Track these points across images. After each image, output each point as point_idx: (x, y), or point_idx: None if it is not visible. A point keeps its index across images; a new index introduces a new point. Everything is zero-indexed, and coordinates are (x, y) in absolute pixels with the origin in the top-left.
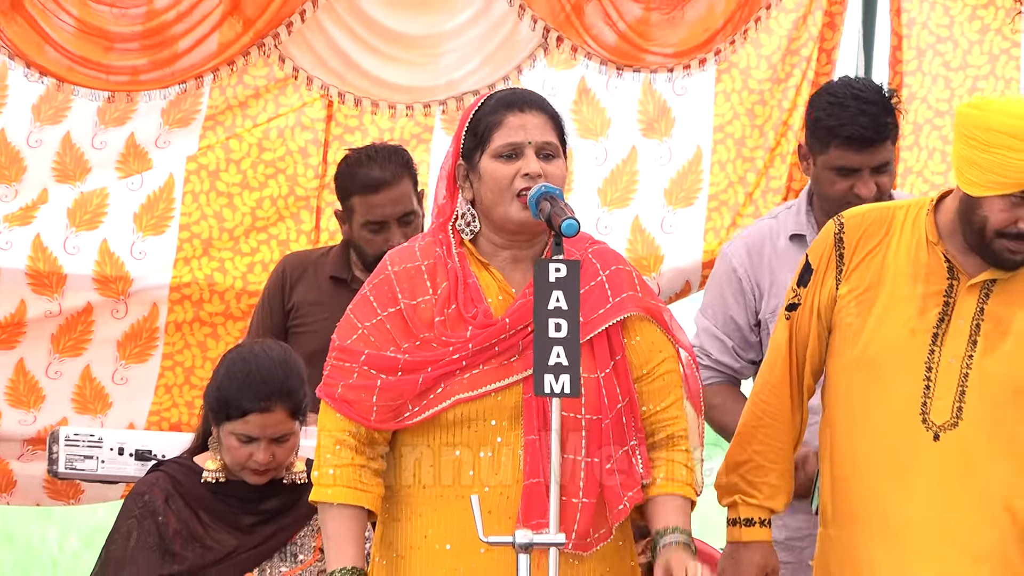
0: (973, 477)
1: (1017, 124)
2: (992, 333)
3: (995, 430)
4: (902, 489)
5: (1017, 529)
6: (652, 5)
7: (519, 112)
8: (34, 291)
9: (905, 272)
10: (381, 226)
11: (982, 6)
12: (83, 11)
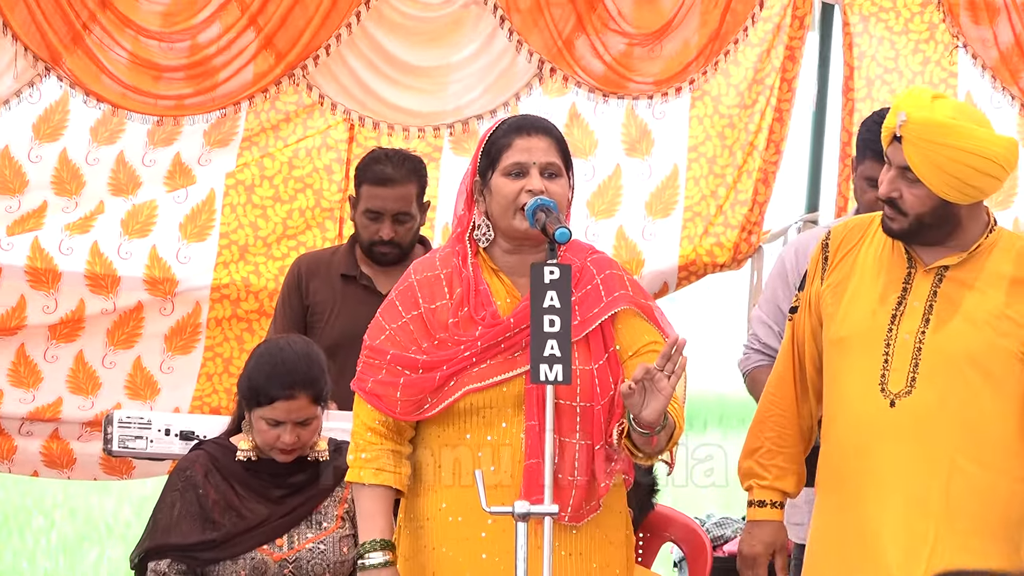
0: (925, 439)
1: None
2: (943, 312)
3: (945, 396)
4: (864, 453)
5: (963, 486)
6: (634, 40)
7: (527, 136)
8: (91, 291)
9: (872, 265)
10: (377, 216)
11: (924, 41)
12: (135, 46)
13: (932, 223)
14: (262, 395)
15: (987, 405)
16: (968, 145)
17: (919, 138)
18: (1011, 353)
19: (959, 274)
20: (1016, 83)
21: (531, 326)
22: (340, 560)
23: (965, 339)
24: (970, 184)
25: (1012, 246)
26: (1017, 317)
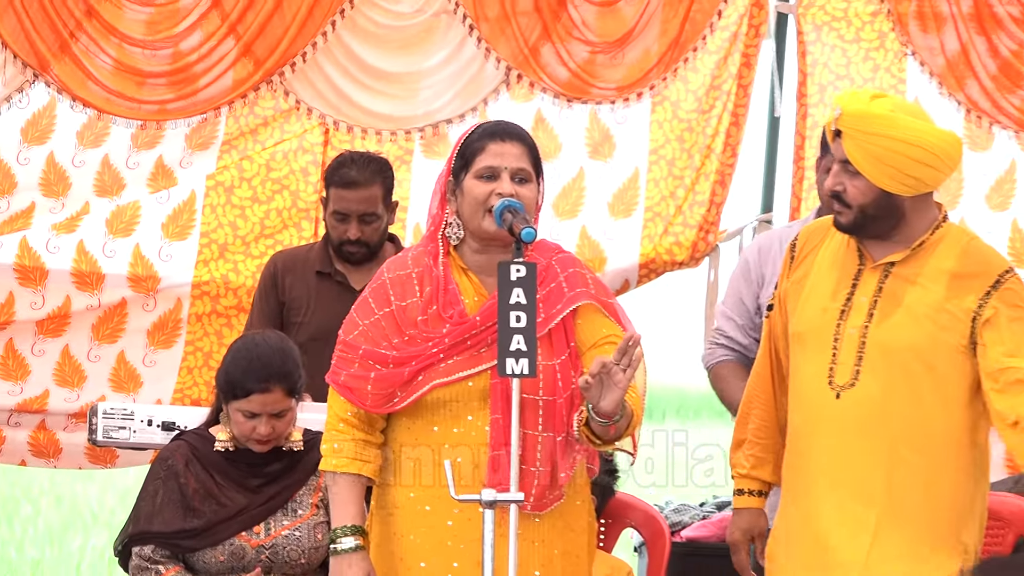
0: (868, 430)
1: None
2: (886, 307)
3: (887, 389)
4: (813, 443)
5: (905, 476)
6: (597, 48)
7: (501, 141)
8: (77, 288)
9: (828, 263)
10: (344, 217)
11: (874, 49)
12: (120, 53)
13: (876, 215)
14: (238, 388)
15: (929, 397)
16: (902, 135)
17: (854, 130)
18: (952, 346)
19: (904, 270)
20: (962, 89)
21: (498, 322)
22: (314, 546)
23: (906, 333)
24: (908, 174)
25: (958, 242)
26: (957, 311)
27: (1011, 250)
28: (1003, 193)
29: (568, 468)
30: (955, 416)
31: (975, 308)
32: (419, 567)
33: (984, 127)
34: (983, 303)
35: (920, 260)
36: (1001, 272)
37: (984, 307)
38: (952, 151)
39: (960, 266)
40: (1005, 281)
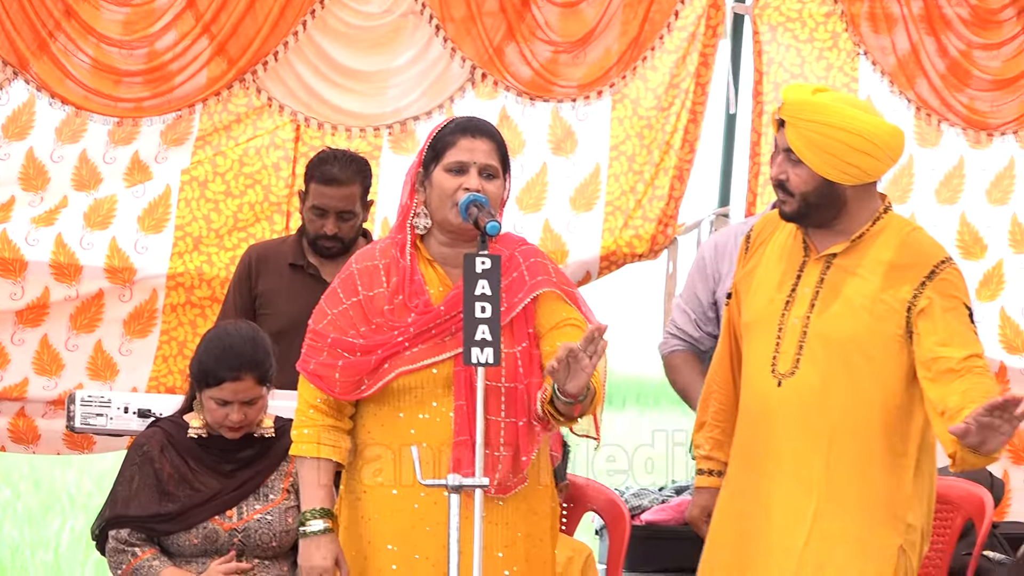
0: (807, 417)
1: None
2: (826, 297)
3: (826, 377)
4: (757, 430)
5: (844, 463)
6: (560, 48)
7: (471, 137)
8: (56, 279)
9: (776, 255)
10: (323, 213)
11: (827, 49)
12: (97, 52)
13: (818, 203)
14: (211, 376)
15: (867, 385)
16: (840, 123)
17: (795, 118)
18: (889, 336)
19: (844, 261)
20: (912, 88)
21: (464, 312)
22: (285, 530)
23: (844, 323)
24: (847, 162)
25: (898, 233)
26: (893, 301)
27: (959, 243)
28: (951, 188)
29: (530, 452)
30: (893, 403)
31: (910, 298)
32: (387, 549)
33: (933, 124)
34: (918, 293)
35: (860, 251)
36: (936, 263)
37: (919, 297)
38: (892, 142)
39: (898, 257)
40: (940, 271)
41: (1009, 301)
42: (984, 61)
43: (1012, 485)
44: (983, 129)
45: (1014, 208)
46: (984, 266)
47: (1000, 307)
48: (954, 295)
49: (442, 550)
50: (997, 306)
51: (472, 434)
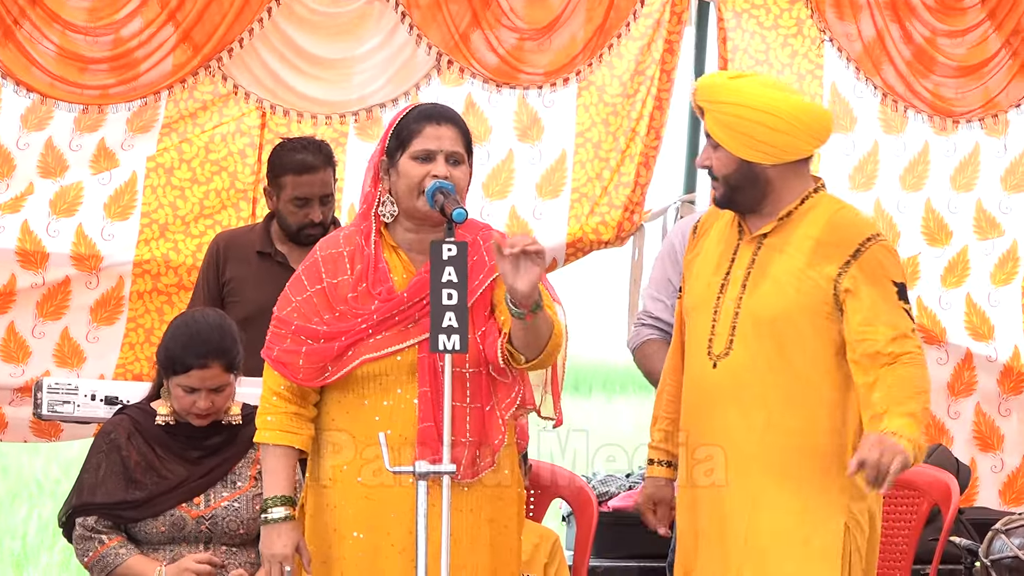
0: (741, 396)
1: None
2: (756, 277)
3: (757, 356)
4: (697, 411)
5: (779, 439)
6: (525, 35)
7: (436, 125)
8: (22, 267)
9: (714, 242)
10: (306, 202)
11: (792, 35)
12: (62, 39)
13: (740, 185)
14: (178, 364)
15: (798, 361)
16: (749, 102)
17: (706, 101)
18: (816, 312)
19: (773, 240)
20: (878, 74)
21: (430, 299)
22: (253, 517)
23: (772, 302)
24: (761, 141)
25: (827, 211)
26: (819, 278)
27: (924, 230)
28: (917, 174)
29: (499, 436)
30: (826, 378)
31: (835, 276)
32: (353, 537)
33: (899, 111)
34: (843, 271)
35: (788, 230)
36: (862, 240)
37: (843, 276)
38: (809, 119)
39: (824, 234)
40: (866, 249)
41: (975, 288)
42: (949, 48)
43: (979, 472)
44: (948, 116)
45: (979, 194)
46: (949, 253)
47: (966, 294)
48: (878, 272)
49: (409, 536)
50: (963, 293)
51: (436, 420)
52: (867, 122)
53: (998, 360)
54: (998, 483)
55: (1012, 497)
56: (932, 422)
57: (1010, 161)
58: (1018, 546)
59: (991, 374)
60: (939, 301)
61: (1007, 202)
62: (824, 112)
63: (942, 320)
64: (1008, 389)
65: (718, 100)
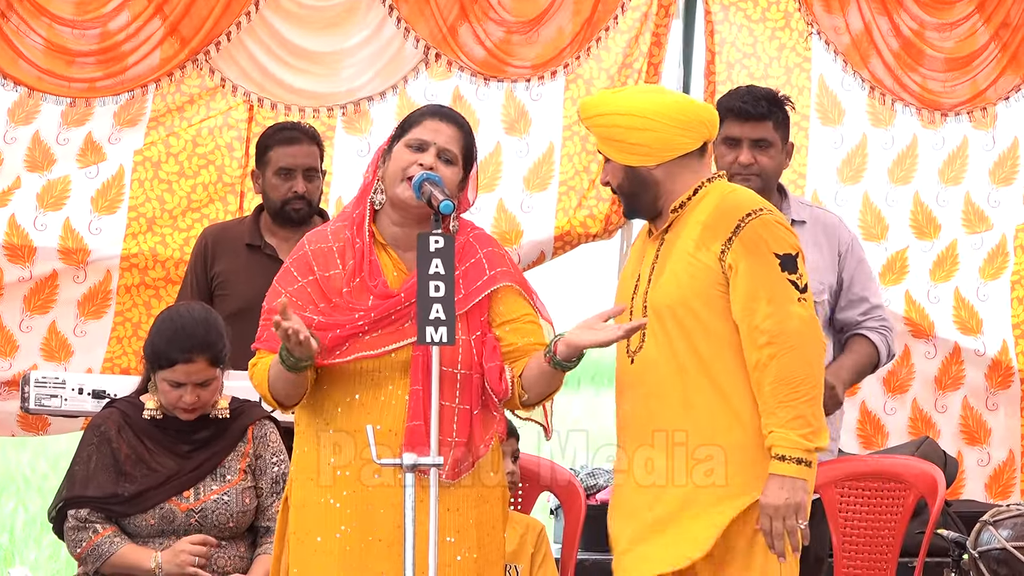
0: (659, 387)
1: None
2: (658, 271)
3: (664, 346)
4: (621, 409)
5: (702, 421)
6: (513, 28)
7: (438, 120)
8: (9, 261)
9: (637, 246)
10: (290, 173)
11: (780, 28)
12: (50, 32)
13: (633, 191)
14: (163, 359)
15: (704, 345)
16: (617, 108)
17: (586, 118)
18: (710, 294)
19: (671, 234)
20: (866, 66)
21: (417, 291)
22: (242, 510)
23: (670, 290)
24: (631, 143)
25: (717, 195)
26: (707, 259)
27: (913, 223)
28: (905, 167)
29: (486, 441)
30: (734, 358)
31: (719, 254)
32: (341, 529)
33: (887, 104)
34: (726, 248)
35: (683, 221)
36: (742, 216)
37: (727, 252)
38: (680, 115)
39: (711, 217)
40: (746, 224)
41: (963, 282)
42: (937, 41)
43: (966, 465)
44: (936, 109)
45: (967, 188)
46: (938, 246)
47: (955, 288)
48: (761, 246)
49: (395, 531)
50: (951, 287)
51: (426, 420)
52: (855, 115)
53: (986, 354)
54: (984, 477)
55: (998, 491)
56: (919, 416)
57: (998, 154)
58: (1006, 538)
59: (979, 368)
60: (927, 295)
61: (995, 195)
62: (702, 106)
63: (930, 314)
64: (996, 383)
65: (593, 114)
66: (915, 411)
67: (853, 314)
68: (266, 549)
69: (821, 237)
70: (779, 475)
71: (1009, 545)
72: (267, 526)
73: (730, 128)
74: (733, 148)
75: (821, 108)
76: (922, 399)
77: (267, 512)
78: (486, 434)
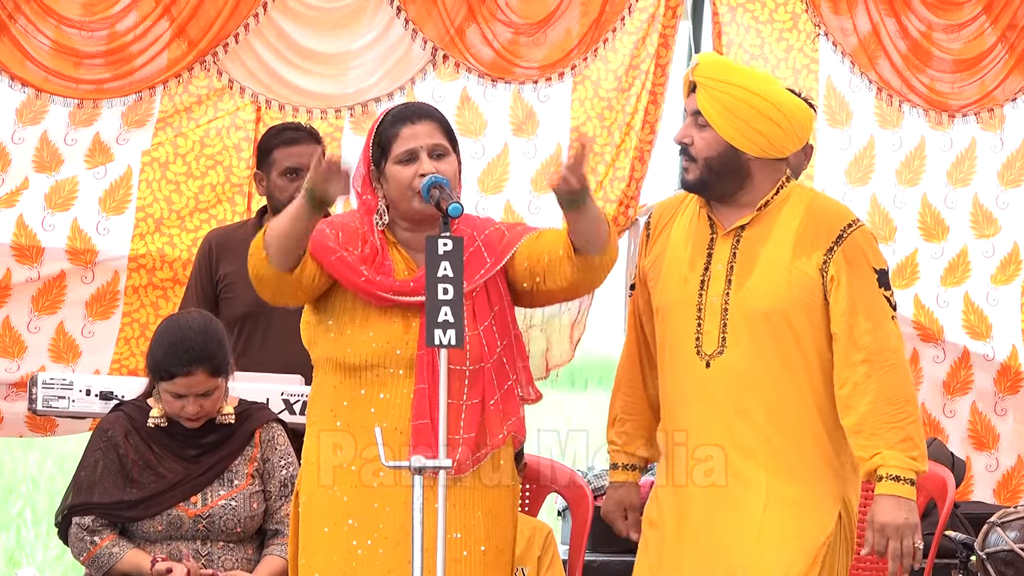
0: (741, 394)
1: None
2: (741, 272)
3: (753, 352)
4: (689, 413)
5: (782, 434)
6: (520, 30)
7: (411, 124)
8: (17, 261)
9: (682, 237)
10: (296, 173)
11: (787, 30)
12: (57, 34)
13: (720, 170)
14: (163, 371)
15: (794, 354)
16: (752, 85)
17: (708, 77)
18: (807, 303)
19: (753, 233)
20: (874, 68)
21: (426, 294)
22: (250, 515)
23: (763, 295)
24: (755, 128)
25: (803, 199)
26: (807, 268)
27: (921, 225)
28: (913, 169)
29: (498, 432)
30: (821, 370)
31: (821, 264)
32: (348, 524)
33: (895, 105)
34: (828, 258)
35: (768, 221)
36: (844, 226)
37: (829, 263)
38: (800, 116)
39: (805, 223)
40: (848, 235)
41: (973, 287)
42: (945, 42)
43: (974, 470)
44: (944, 110)
45: (975, 189)
46: (946, 248)
47: (964, 292)
48: (862, 259)
49: (401, 529)
50: (961, 291)
51: (432, 418)
52: (863, 117)
53: (995, 359)
54: (992, 482)
55: (1007, 496)
56: (927, 420)
57: (1007, 156)
58: (1014, 539)
59: (988, 373)
60: (936, 299)
61: (1004, 197)
62: (811, 113)
63: (939, 318)
64: (1005, 388)
65: (721, 79)
66: (923, 415)
67: None
68: (273, 550)
69: None
70: (894, 495)
71: (1017, 547)
72: (276, 528)
73: None
74: None
75: (829, 110)
76: (930, 403)
77: (276, 515)
78: (503, 423)
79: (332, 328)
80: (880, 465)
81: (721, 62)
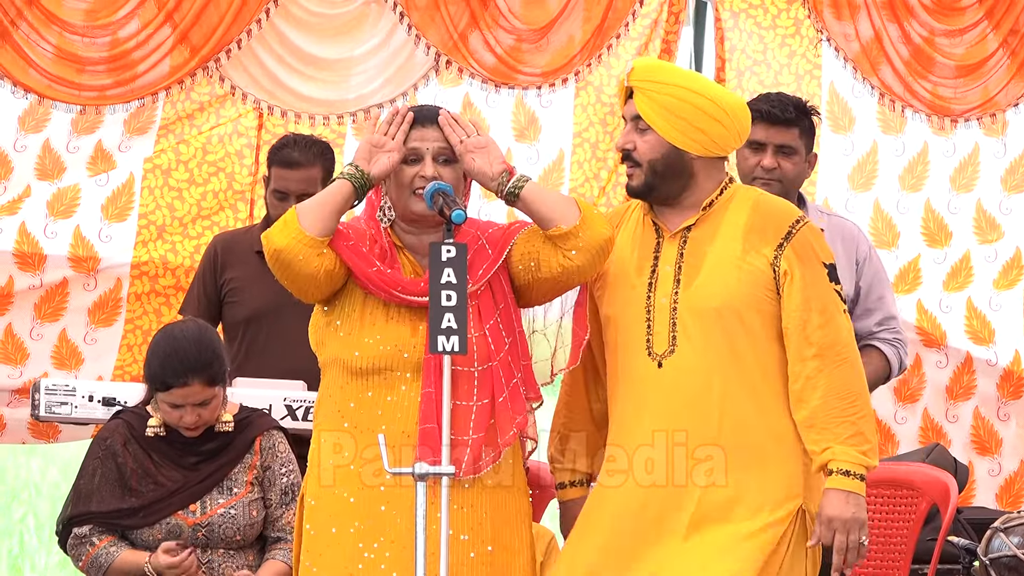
0: (694, 391)
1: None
2: (690, 271)
3: (704, 349)
4: (642, 415)
5: (737, 429)
6: (523, 36)
7: (421, 127)
8: (20, 268)
9: (627, 244)
10: (284, 196)
11: (790, 36)
12: (60, 40)
13: (664, 172)
14: (159, 382)
15: (746, 349)
16: (690, 84)
17: (646, 81)
18: (757, 298)
19: (699, 233)
20: (876, 74)
21: (429, 301)
22: (250, 523)
23: (713, 292)
24: (696, 127)
25: (748, 198)
26: (756, 263)
27: (924, 231)
28: (916, 175)
29: (509, 429)
30: (775, 363)
31: (771, 259)
32: (354, 526)
33: (897, 111)
34: (778, 253)
35: (714, 220)
36: (792, 221)
37: (780, 258)
38: (739, 112)
39: (753, 219)
40: (797, 231)
41: (976, 292)
42: (947, 48)
43: (976, 475)
44: (947, 115)
45: (979, 195)
46: (949, 254)
47: (967, 298)
48: (812, 254)
49: (408, 533)
50: (964, 297)
51: (439, 422)
52: (865, 122)
53: (998, 364)
54: (995, 487)
55: (1009, 501)
56: (931, 425)
57: (1010, 161)
58: (1017, 544)
59: (991, 378)
60: (939, 304)
61: (1007, 203)
62: (747, 108)
63: (942, 323)
64: (1008, 393)
65: (659, 80)
66: (926, 420)
67: (868, 324)
68: (276, 555)
69: (839, 245)
70: (843, 490)
71: (1020, 552)
72: (277, 536)
73: (756, 132)
74: (757, 152)
75: (831, 115)
76: (933, 408)
77: (277, 523)
78: (512, 421)
79: (340, 330)
80: (831, 460)
81: (656, 64)
